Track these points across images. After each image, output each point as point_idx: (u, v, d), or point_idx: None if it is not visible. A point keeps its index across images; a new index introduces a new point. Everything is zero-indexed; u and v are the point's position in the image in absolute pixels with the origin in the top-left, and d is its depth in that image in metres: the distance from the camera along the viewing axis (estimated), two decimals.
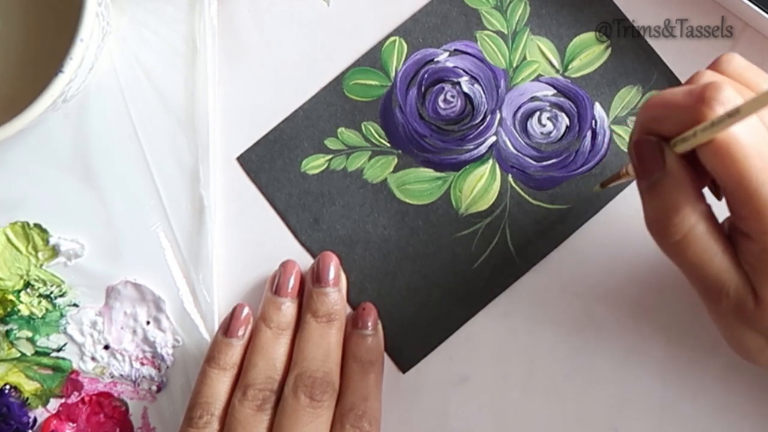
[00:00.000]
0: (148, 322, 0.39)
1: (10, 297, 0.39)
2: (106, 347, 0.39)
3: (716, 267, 0.29)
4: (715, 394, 0.38)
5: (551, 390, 0.38)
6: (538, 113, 0.39)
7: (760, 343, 0.30)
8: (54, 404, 0.39)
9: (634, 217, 0.38)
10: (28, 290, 0.39)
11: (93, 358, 0.39)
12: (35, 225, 0.39)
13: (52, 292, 0.39)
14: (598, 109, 0.39)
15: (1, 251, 0.39)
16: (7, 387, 0.39)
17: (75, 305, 0.39)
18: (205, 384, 0.36)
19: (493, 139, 0.39)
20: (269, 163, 0.39)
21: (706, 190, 0.31)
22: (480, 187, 0.39)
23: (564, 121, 0.39)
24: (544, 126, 0.39)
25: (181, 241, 0.39)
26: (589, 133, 0.39)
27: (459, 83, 0.39)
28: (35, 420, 0.39)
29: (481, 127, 0.39)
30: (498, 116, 0.39)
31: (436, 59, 0.40)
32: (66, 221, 0.39)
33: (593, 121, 0.39)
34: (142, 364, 0.39)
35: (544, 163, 0.39)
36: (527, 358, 0.39)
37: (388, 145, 0.39)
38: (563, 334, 0.38)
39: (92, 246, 0.39)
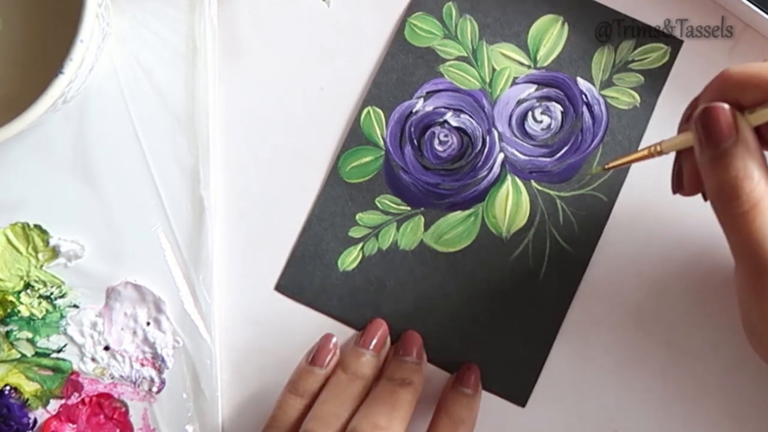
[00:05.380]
0: (148, 323, 0.39)
1: (11, 298, 0.39)
2: (107, 348, 0.39)
3: None
4: (715, 395, 0.38)
5: (551, 390, 0.38)
6: (530, 113, 0.39)
7: None
8: (54, 405, 0.39)
9: (634, 219, 0.38)
10: (29, 291, 0.39)
11: (93, 359, 0.39)
12: (35, 226, 0.39)
13: (52, 293, 0.39)
14: (582, 83, 0.39)
15: (1, 252, 0.39)
16: (8, 388, 0.39)
17: (75, 306, 0.39)
18: (279, 408, 0.36)
19: (501, 156, 0.39)
20: (308, 278, 0.39)
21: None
22: (510, 205, 0.39)
23: (557, 108, 0.39)
24: (540, 122, 0.39)
25: (181, 242, 0.39)
26: (585, 109, 0.39)
27: (446, 121, 0.39)
28: (35, 421, 0.39)
29: (485, 151, 0.39)
30: (495, 133, 0.39)
31: (414, 109, 0.39)
32: (66, 222, 0.39)
33: (583, 96, 0.39)
34: (142, 365, 0.39)
35: (557, 155, 0.39)
36: None
37: (409, 208, 0.39)
38: (564, 335, 0.38)
39: (92, 247, 0.39)
